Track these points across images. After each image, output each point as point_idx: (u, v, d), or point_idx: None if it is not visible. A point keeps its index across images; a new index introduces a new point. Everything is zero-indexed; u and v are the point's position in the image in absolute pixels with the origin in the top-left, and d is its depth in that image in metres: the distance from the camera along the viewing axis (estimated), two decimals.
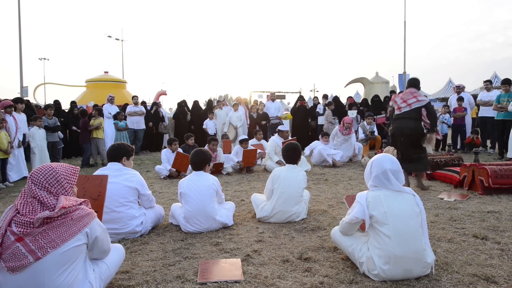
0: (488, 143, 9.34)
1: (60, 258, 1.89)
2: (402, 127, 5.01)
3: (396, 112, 5.16)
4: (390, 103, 5.64)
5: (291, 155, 3.97)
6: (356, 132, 9.57)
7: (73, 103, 11.55)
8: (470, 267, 2.53)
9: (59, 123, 8.62)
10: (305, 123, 11.49)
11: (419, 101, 4.98)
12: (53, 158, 8.01)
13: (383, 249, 2.33)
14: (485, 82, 9.43)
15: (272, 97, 12.10)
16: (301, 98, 12.45)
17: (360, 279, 2.41)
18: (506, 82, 8.08)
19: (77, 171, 2.15)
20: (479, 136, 9.19)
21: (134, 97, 11.47)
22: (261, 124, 10.85)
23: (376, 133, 9.63)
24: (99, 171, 3.43)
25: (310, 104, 12.80)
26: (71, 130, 10.37)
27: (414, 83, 5.29)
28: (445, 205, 4.22)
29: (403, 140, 5.03)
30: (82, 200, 2.08)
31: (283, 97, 17.72)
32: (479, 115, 9.32)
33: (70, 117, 10.53)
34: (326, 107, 10.81)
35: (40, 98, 31.35)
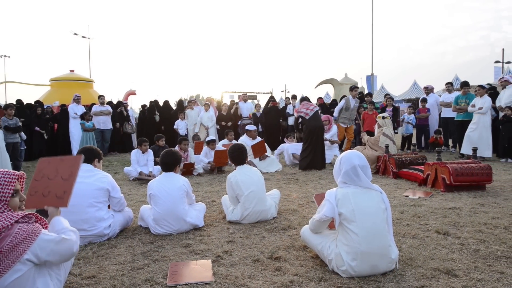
0: (450, 142, 9.77)
1: None
2: (314, 125, 7.27)
3: (306, 117, 7.39)
4: (296, 115, 8.10)
5: (238, 156, 3.98)
6: None
7: (37, 103, 11.09)
8: (433, 262, 2.63)
9: (20, 124, 8.24)
10: (276, 123, 11.59)
11: (312, 110, 7.42)
12: (14, 160, 7.67)
13: (350, 245, 2.38)
14: (446, 84, 9.88)
15: (244, 97, 12.12)
16: (272, 99, 12.53)
17: (329, 276, 2.46)
18: (465, 84, 8.61)
19: (14, 178, 1.76)
20: (442, 135, 9.61)
21: (101, 97, 11.16)
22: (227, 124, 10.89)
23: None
24: None
25: (282, 105, 12.92)
26: (34, 131, 9.96)
27: (306, 99, 8.16)
28: (410, 203, 4.38)
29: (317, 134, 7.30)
30: (22, 214, 1.66)
31: (254, 97, 17.81)
32: (441, 115, 9.74)
33: (33, 118, 10.10)
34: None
35: (0, 97, 29.86)
